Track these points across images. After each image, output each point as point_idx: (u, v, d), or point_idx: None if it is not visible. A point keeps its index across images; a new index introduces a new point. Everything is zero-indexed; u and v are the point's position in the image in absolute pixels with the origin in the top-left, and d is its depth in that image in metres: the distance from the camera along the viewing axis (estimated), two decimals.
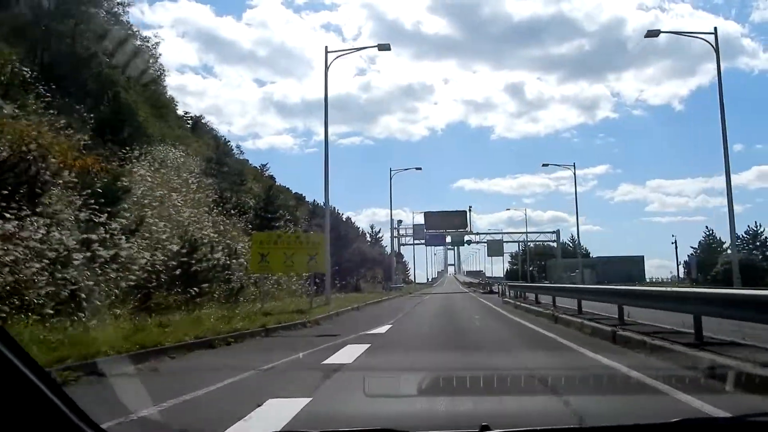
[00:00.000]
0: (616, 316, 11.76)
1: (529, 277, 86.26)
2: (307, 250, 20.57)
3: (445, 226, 62.03)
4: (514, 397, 5.25)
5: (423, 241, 63.88)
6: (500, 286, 38.91)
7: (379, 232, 78.46)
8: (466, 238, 62.93)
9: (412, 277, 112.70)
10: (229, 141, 53.01)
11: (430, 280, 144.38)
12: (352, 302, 26.49)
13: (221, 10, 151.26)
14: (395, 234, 58.95)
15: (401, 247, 63.97)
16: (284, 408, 4.72)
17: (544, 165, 53.12)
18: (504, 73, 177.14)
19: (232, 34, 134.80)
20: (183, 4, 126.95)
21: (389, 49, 26.37)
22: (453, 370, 6.79)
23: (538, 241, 65.44)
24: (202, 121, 48.61)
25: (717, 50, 24.78)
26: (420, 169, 54.70)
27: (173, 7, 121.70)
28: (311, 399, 5.13)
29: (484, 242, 65.56)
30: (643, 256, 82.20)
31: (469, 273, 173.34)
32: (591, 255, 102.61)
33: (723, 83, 24.94)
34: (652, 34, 26.91)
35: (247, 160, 54.95)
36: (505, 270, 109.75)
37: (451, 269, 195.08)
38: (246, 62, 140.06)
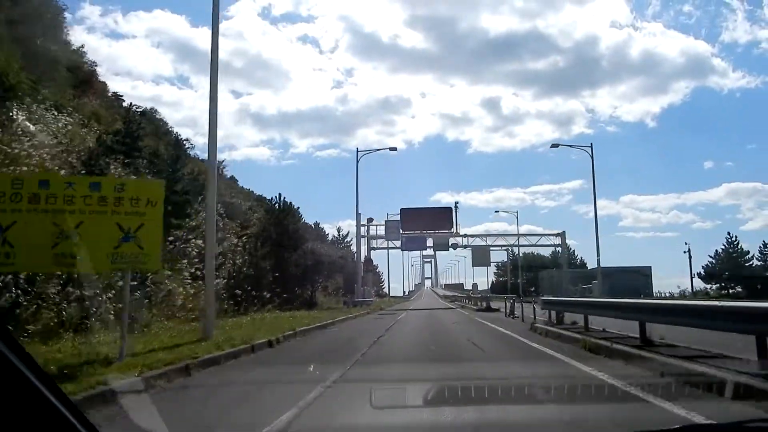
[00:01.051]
0: None
1: (521, 290, 75.55)
2: (120, 215, 8.77)
3: (426, 227, 50.61)
4: None
5: (398, 245, 52.27)
6: (510, 302, 27.42)
7: (347, 235, 66.66)
8: (452, 241, 51.56)
9: (387, 290, 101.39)
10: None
11: (406, 293, 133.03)
12: (270, 330, 14.83)
13: (197, 20, 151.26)
14: (362, 232, 47.35)
15: (372, 252, 52.13)
16: None
17: (553, 146, 41.98)
18: (481, 88, 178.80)
19: (207, 45, 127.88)
20: (158, 14, 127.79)
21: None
22: None
23: (536, 246, 54.24)
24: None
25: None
26: (395, 149, 43.67)
27: (148, 17, 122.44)
28: None
29: (482, 240, 54.19)
30: (650, 267, 71.69)
31: (448, 286, 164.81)
32: (587, 266, 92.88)
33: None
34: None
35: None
36: (491, 282, 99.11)
37: (428, 282, 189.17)
38: (222, 73, 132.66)
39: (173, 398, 6.89)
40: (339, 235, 66.38)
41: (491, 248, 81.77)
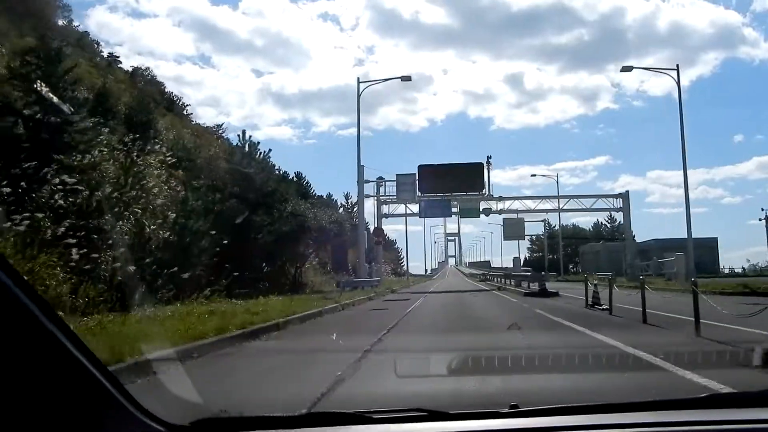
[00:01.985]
0: None
1: (562, 267, 64.67)
2: None
3: (450, 188, 40.10)
4: None
5: (416, 212, 41.80)
6: (592, 285, 17.14)
7: (356, 203, 56.40)
8: (483, 205, 40.89)
9: (406, 267, 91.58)
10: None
11: (428, 271, 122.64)
12: None
13: None
14: (368, 192, 37.02)
15: (384, 222, 41.83)
16: None
17: (625, 68, 30.96)
18: (503, 63, 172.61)
19: (228, 23, 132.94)
20: None
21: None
22: None
23: (590, 210, 43.02)
24: None
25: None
26: (408, 78, 33.13)
27: None
28: None
29: (513, 213, 43.19)
30: (716, 239, 60.06)
31: (473, 264, 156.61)
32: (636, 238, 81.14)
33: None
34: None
35: None
36: (524, 258, 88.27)
37: (451, 261, 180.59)
38: (243, 52, 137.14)
39: None
40: (348, 203, 56.49)
41: (525, 220, 71.52)
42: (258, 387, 6.02)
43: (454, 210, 41.09)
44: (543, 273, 22.65)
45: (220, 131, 44.82)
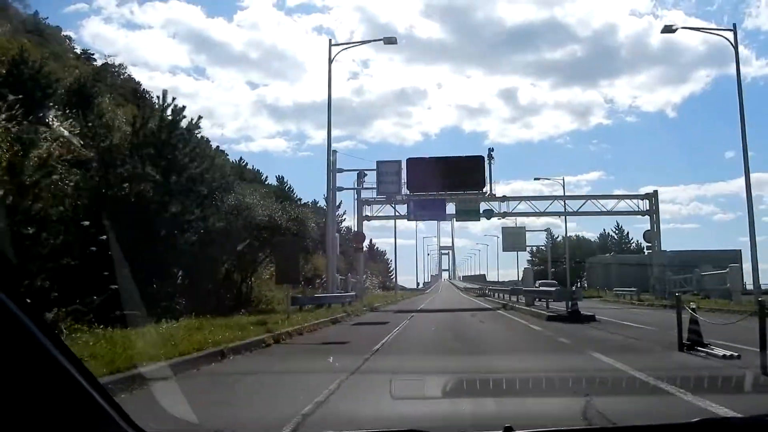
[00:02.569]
0: None
1: (569, 281, 57.90)
2: None
3: (444, 185, 33.54)
4: None
5: (403, 213, 35.09)
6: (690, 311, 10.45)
7: (339, 205, 49.76)
8: (484, 206, 34.22)
9: (395, 280, 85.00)
10: None
11: (421, 285, 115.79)
12: None
13: (212, 11, 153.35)
14: (340, 186, 30.37)
15: (367, 224, 35.06)
16: None
17: (666, 29, 24.56)
18: (497, 78, 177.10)
19: (223, 35, 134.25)
20: (174, 4, 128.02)
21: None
22: None
23: (612, 213, 36.19)
24: None
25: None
26: (394, 41, 26.73)
27: (163, 7, 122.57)
28: None
29: (518, 216, 36.36)
30: (740, 251, 53.46)
31: (467, 278, 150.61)
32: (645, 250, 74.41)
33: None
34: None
35: None
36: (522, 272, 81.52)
37: (445, 274, 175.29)
38: (238, 64, 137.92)
39: None
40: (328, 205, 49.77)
41: (527, 229, 65.12)
42: None
43: (449, 212, 34.43)
44: (574, 289, 15.86)
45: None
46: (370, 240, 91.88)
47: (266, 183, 55.67)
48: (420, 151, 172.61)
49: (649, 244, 33.69)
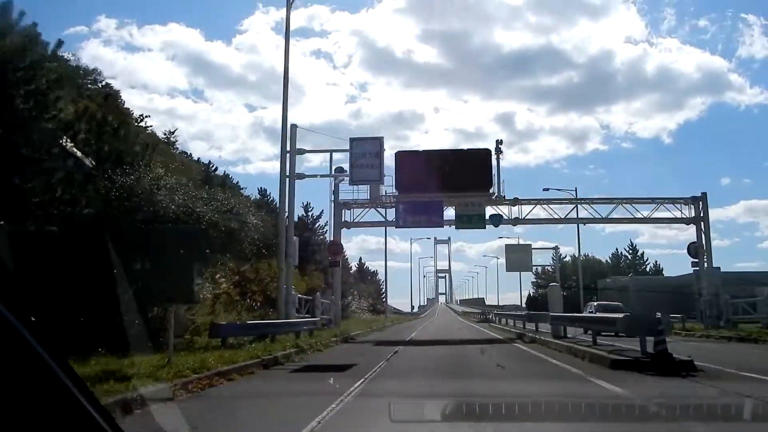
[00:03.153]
0: None
1: (582, 304, 51.04)
2: None
3: (441, 186, 27.01)
4: None
5: (393, 219, 28.34)
6: None
7: (319, 216, 43.24)
8: (491, 211, 27.52)
9: (393, 304, 78.19)
10: None
11: (416, 309, 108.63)
12: None
13: (211, 34, 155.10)
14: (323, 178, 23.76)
15: (349, 231, 28.36)
16: None
17: None
18: (494, 104, 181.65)
19: (222, 58, 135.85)
20: (173, 27, 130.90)
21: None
22: None
23: (656, 222, 29.26)
24: None
25: None
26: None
27: (162, 30, 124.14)
28: None
29: (534, 224, 29.20)
30: None
31: (465, 302, 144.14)
32: (664, 271, 67.79)
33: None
34: None
35: None
36: (528, 295, 74.66)
37: (441, 298, 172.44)
38: (236, 87, 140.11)
39: None
40: (308, 215, 43.25)
41: (533, 247, 58.68)
42: None
43: (447, 218, 27.72)
44: (659, 316, 9.18)
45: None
46: (360, 260, 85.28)
47: (239, 190, 49.11)
48: None
49: (696, 260, 27.03)
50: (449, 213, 27.97)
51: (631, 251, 69.38)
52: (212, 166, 43.73)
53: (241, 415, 6.63)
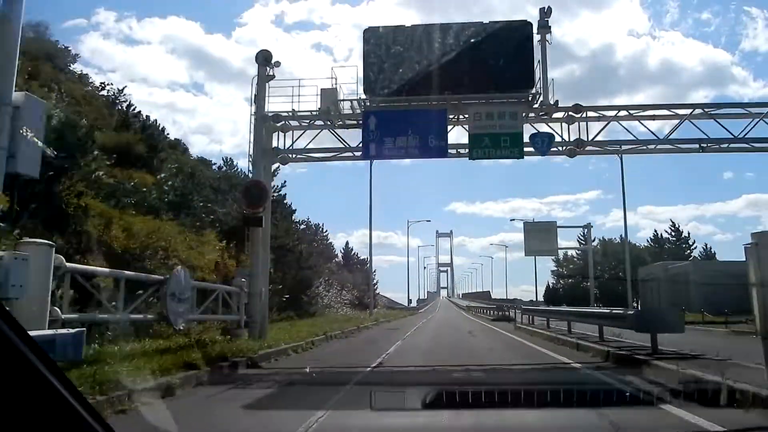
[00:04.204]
0: None
1: (631, 298, 38.68)
2: None
3: (445, 83, 15.24)
4: None
5: (358, 145, 16.41)
6: None
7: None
8: (532, 124, 15.11)
9: (394, 298, 66.97)
10: None
11: (414, 302, 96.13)
12: None
13: (210, 27, 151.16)
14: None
15: (271, 162, 17.18)
16: None
17: None
18: None
19: (222, 51, 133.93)
20: (172, 20, 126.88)
21: None
22: None
23: None
24: None
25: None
26: None
27: (162, 23, 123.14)
28: None
29: (605, 148, 16.80)
30: None
31: (468, 296, 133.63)
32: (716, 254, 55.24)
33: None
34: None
35: None
36: (548, 286, 62.46)
37: (443, 292, 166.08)
38: (236, 80, 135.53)
39: None
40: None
41: (558, 225, 46.84)
42: None
43: (454, 141, 15.68)
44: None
45: None
46: (347, 244, 72.55)
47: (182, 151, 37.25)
48: (417, 167, 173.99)
49: None
50: (458, 133, 15.97)
51: (674, 233, 57.18)
52: (133, 108, 31.40)
53: None
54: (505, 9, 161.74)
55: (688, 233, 57.89)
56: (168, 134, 35.84)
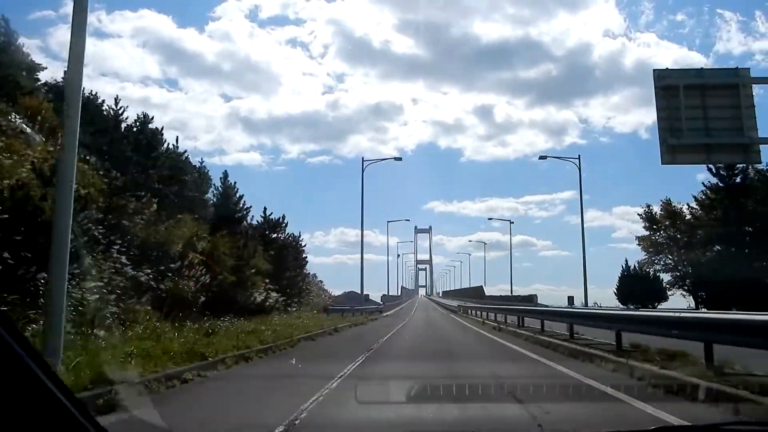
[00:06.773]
0: None
1: None
2: None
3: None
4: None
5: None
6: None
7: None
8: None
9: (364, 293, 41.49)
10: None
11: (380, 302, 68.59)
12: None
13: (183, 21, 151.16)
14: None
15: None
16: None
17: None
18: (473, 95, 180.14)
19: (195, 46, 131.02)
20: (144, 13, 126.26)
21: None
22: None
23: None
24: None
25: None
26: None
27: (132, 16, 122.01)
28: None
29: None
30: None
31: (449, 293, 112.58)
32: None
33: None
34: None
35: None
36: (623, 275, 36.60)
37: (421, 291, 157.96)
38: (211, 76, 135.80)
39: None
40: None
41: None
42: None
43: None
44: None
45: None
46: (285, 222, 43.75)
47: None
48: (395, 167, 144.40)
49: None
50: None
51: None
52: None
53: None
54: (483, 8, 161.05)
55: None
56: None
